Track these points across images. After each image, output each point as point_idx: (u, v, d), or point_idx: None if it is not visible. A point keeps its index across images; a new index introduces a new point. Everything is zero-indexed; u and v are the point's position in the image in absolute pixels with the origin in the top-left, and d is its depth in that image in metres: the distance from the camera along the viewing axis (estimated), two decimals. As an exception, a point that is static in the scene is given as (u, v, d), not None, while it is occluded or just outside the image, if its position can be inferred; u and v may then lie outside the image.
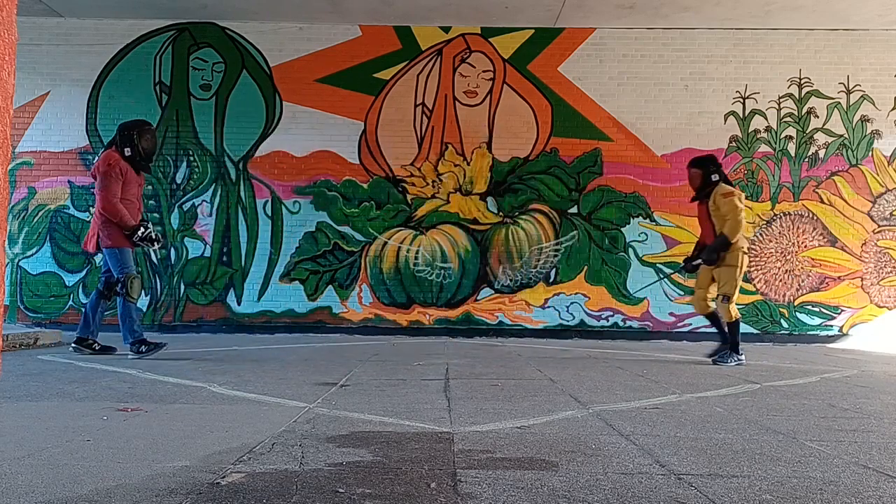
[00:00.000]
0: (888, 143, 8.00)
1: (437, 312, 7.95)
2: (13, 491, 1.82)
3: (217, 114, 8.07)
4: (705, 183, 5.58)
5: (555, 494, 1.86)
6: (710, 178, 5.57)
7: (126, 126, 5.37)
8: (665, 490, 1.92)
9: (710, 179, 5.56)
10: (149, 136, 5.36)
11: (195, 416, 2.90)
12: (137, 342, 5.17)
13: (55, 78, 8.05)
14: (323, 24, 8.08)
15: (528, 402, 3.38)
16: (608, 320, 7.95)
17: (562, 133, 8.04)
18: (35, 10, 7.79)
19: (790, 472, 2.13)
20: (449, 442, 2.47)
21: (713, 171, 5.58)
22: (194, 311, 7.93)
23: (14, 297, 7.90)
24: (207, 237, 7.97)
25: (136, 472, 2.02)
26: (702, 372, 4.85)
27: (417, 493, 1.85)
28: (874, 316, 7.92)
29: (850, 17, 7.69)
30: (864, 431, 2.81)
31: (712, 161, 5.69)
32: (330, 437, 2.51)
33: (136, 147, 5.27)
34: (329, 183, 8.02)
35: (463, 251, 7.99)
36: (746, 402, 3.53)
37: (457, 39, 8.14)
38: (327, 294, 7.95)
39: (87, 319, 5.41)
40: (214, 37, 8.11)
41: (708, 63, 8.09)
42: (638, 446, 2.45)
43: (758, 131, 8.05)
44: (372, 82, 8.08)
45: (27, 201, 7.99)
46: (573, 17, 7.79)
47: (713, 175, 5.57)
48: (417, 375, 4.36)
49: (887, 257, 7.95)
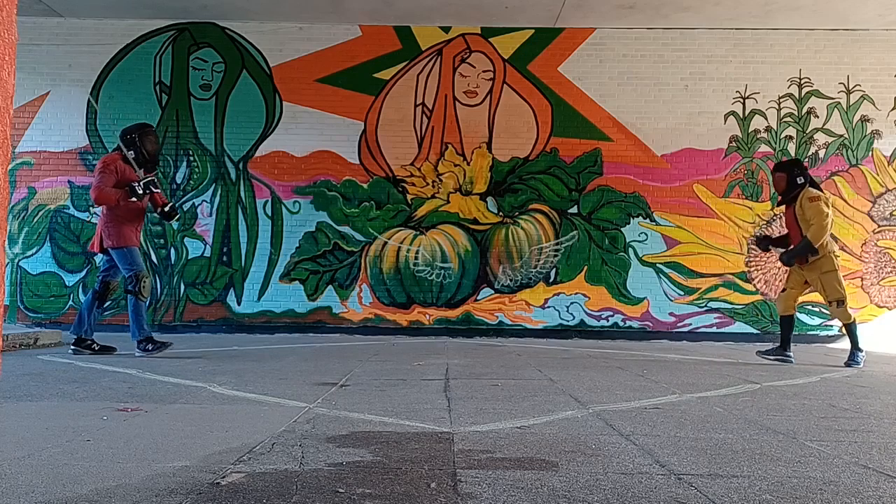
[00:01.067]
0: (888, 143, 8.00)
1: (437, 312, 7.95)
2: (13, 491, 1.82)
3: (217, 114, 8.07)
4: (791, 186, 5.57)
5: (555, 494, 1.86)
6: (796, 181, 5.55)
7: (128, 130, 5.43)
8: (665, 490, 1.92)
9: (796, 182, 5.55)
10: (151, 138, 5.41)
11: (195, 416, 2.90)
12: (145, 340, 5.22)
13: (55, 78, 8.06)
14: (323, 24, 8.08)
15: (528, 402, 3.38)
16: (608, 320, 7.95)
17: (562, 133, 8.04)
18: (35, 10, 7.79)
19: (790, 472, 2.13)
20: (449, 442, 2.47)
21: (798, 175, 5.56)
22: (194, 311, 7.93)
23: (14, 297, 7.91)
24: (207, 237, 7.97)
25: (136, 472, 2.02)
26: (702, 372, 4.85)
27: (417, 493, 1.85)
28: (874, 316, 7.92)
29: (850, 17, 7.69)
30: (864, 431, 2.81)
31: (797, 164, 5.67)
32: (330, 437, 2.50)
33: (140, 150, 5.33)
34: (329, 183, 8.02)
35: (463, 251, 7.99)
36: (746, 402, 3.53)
37: (457, 39, 8.14)
38: (327, 294, 7.95)
39: (81, 318, 5.43)
40: (214, 37, 8.11)
41: (708, 63, 8.09)
42: (638, 446, 2.45)
43: (758, 131, 8.06)
44: (372, 82, 8.09)
45: (27, 201, 7.99)
46: (573, 17, 7.79)
47: (798, 178, 5.55)
48: (417, 375, 4.36)
49: (887, 257, 7.95)
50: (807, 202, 5.44)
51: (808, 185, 5.54)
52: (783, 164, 5.76)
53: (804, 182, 5.54)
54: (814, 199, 5.43)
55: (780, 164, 5.80)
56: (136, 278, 5.20)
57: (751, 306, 7.93)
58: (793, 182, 5.56)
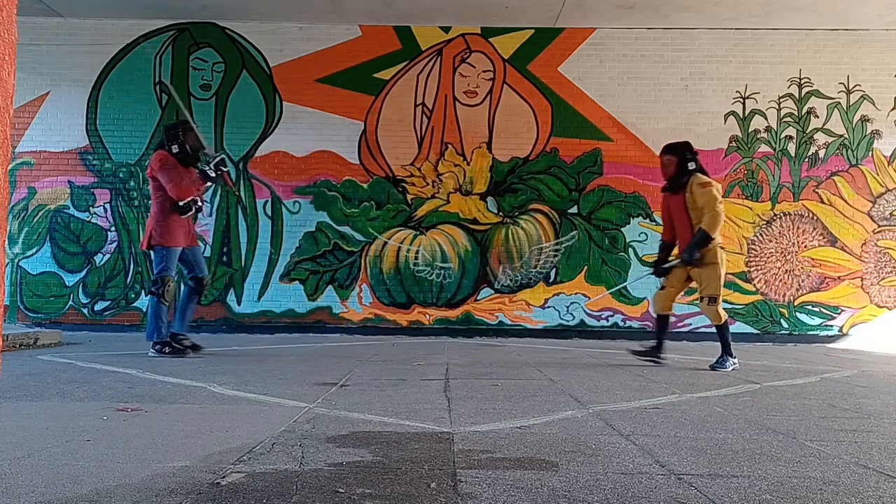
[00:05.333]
0: (888, 143, 8.00)
1: (437, 312, 7.95)
2: (13, 491, 1.82)
3: (217, 114, 8.07)
4: (680, 172, 5.06)
5: (555, 494, 1.86)
6: (687, 166, 5.04)
7: (171, 126, 5.56)
8: (665, 490, 1.92)
9: (687, 168, 5.04)
10: (193, 134, 5.48)
11: (195, 416, 2.90)
12: (162, 343, 5.28)
13: (55, 78, 8.05)
14: (323, 24, 8.08)
15: (528, 402, 3.38)
16: (608, 320, 7.95)
17: (562, 133, 8.04)
18: (35, 10, 7.79)
19: (790, 472, 2.13)
20: (449, 442, 2.47)
21: (690, 159, 5.04)
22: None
23: (14, 297, 7.90)
24: (207, 237, 7.97)
25: (136, 472, 2.02)
26: (702, 372, 4.85)
27: (417, 493, 1.85)
28: (874, 316, 7.92)
29: (850, 17, 7.69)
30: (864, 431, 2.81)
31: (688, 148, 5.14)
32: (330, 437, 2.50)
33: (183, 145, 5.39)
34: (329, 183, 8.02)
35: (463, 251, 7.99)
36: (746, 402, 3.53)
37: (457, 39, 8.14)
38: (327, 294, 7.95)
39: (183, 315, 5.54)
40: (214, 37, 8.11)
41: (708, 63, 8.09)
42: (638, 446, 2.45)
43: (758, 131, 8.05)
44: (372, 82, 8.08)
45: (27, 201, 7.99)
46: (573, 17, 7.79)
47: (690, 164, 5.04)
48: (417, 375, 4.36)
49: (887, 257, 7.95)
50: (698, 188, 4.93)
51: (698, 170, 5.04)
52: (673, 147, 5.17)
53: (694, 168, 5.03)
54: (705, 185, 4.93)
55: (669, 147, 5.20)
56: (161, 281, 5.27)
57: (751, 306, 7.93)
58: (683, 167, 5.04)
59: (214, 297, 7.93)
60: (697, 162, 5.10)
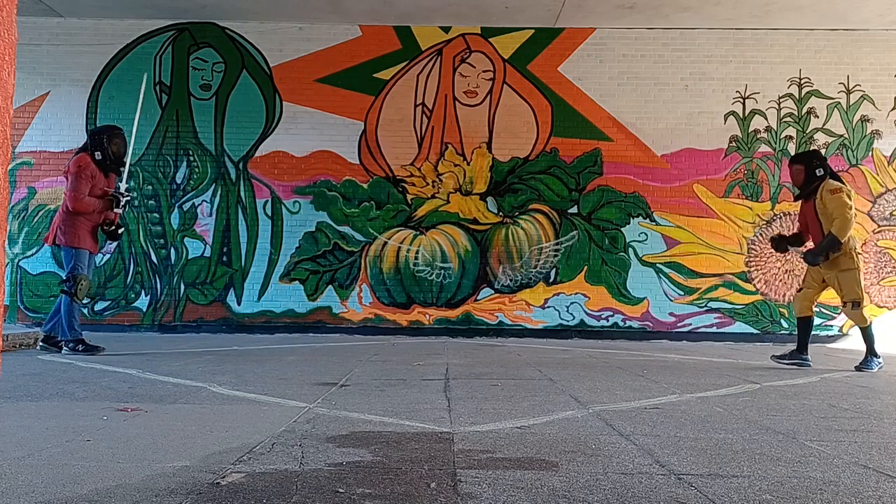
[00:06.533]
0: (888, 143, 8.00)
1: (437, 312, 7.95)
2: (13, 491, 1.82)
3: (217, 114, 8.07)
4: (809, 179, 5.18)
5: (555, 494, 1.86)
6: (815, 173, 5.15)
7: (97, 131, 5.60)
8: (665, 490, 1.92)
9: (815, 175, 5.15)
10: (118, 141, 5.51)
11: (195, 416, 2.90)
12: (75, 341, 5.32)
13: (55, 78, 8.05)
14: (323, 24, 8.08)
15: (528, 402, 3.38)
16: (608, 320, 7.95)
17: (562, 133, 8.04)
18: (35, 10, 7.79)
19: (790, 472, 2.13)
20: (449, 442, 2.47)
21: (818, 166, 5.17)
22: (194, 311, 7.93)
23: (14, 297, 7.90)
24: (207, 237, 7.97)
25: (136, 472, 2.02)
26: (702, 372, 4.85)
27: (417, 493, 1.85)
28: (874, 316, 7.88)
29: (850, 17, 7.69)
30: (864, 431, 2.81)
31: (816, 155, 5.31)
32: (330, 437, 2.50)
33: (107, 151, 5.44)
34: (329, 183, 8.02)
35: (463, 251, 7.99)
36: (746, 402, 3.53)
37: (457, 39, 8.14)
38: (327, 294, 7.95)
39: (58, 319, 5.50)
40: (214, 37, 8.11)
41: (708, 63, 8.09)
42: (638, 446, 2.45)
43: (758, 131, 8.06)
44: (372, 82, 8.08)
45: (27, 201, 7.99)
46: (573, 17, 7.79)
47: (818, 170, 5.15)
48: (417, 375, 4.36)
49: (887, 257, 7.95)
50: (828, 195, 5.03)
51: (829, 176, 5.14)
52: (801, 156, 5.38)
53: (824, 174, 5.14)
54: (835, 191, 5.02)
55: (797, 156, 5.42)
56: (73, 279, 5.30)
57: (751, 306, 7.93)
58: (812, 174, 5.17)
59: (215, 296, 7.93)
60: (827, 168, 5.23)
